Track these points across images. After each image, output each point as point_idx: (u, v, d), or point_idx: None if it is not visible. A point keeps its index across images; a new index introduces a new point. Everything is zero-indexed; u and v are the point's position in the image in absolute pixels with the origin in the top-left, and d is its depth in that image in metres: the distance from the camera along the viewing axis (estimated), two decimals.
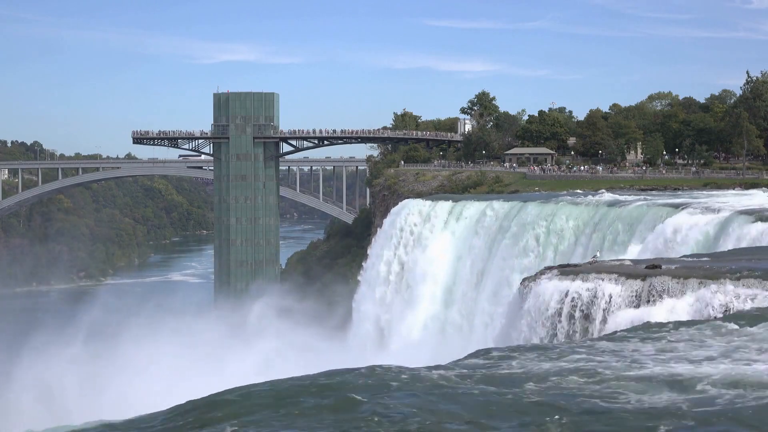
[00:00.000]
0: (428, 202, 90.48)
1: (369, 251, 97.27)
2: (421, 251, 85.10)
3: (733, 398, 20.32)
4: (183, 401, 20.91)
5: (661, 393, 20.95)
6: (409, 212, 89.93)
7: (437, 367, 24.58)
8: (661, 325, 29.42)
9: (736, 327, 27.97)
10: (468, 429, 18.65)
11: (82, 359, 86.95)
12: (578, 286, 37.33)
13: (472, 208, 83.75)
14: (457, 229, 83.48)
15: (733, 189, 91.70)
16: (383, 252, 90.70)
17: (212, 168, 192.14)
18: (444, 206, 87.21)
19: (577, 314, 36.69)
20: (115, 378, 76.73)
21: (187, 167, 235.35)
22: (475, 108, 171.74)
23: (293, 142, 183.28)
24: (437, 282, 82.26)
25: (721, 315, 31.78)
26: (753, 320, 28.79)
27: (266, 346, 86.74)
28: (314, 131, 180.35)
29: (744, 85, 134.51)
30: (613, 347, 26.30)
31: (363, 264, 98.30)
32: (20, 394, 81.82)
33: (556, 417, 19.21)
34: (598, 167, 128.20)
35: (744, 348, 25.24)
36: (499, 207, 79.93)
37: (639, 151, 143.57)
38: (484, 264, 76.83)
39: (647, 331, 28.70)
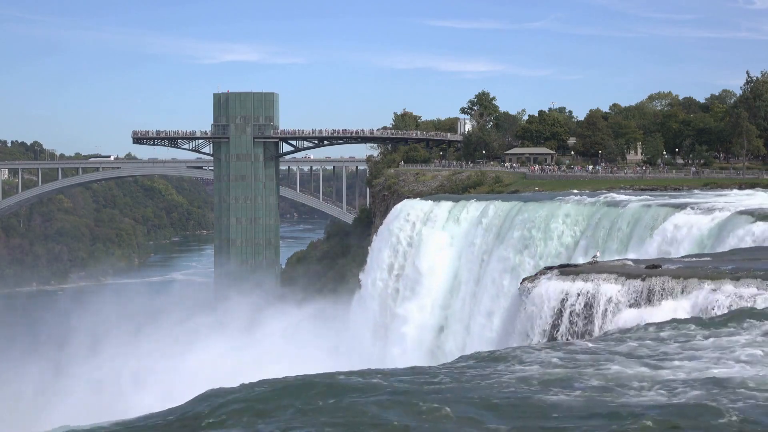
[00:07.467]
0: (428, 202, 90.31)
1: (369, 251, 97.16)
2: (421, 251, 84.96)
3: (732, 398, 20.28)
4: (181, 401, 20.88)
5: (661, 393, 20.91)
6: (409, 212, 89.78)
7: (436, 368, 24.55)
8: (661, 326, 29.35)
9: (737, 327, 27.91)
10: (466, 429, 18.60)
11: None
12: (578, 287, 37.26)
13: (472, 208, 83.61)
14: (457, 229, 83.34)
15: (733, 189, 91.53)
16: (383, 252, 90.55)
17: (212, 168, 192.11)
18: (444, 206, 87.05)
19: (577, 315, 36.62)
20: None
21: (187, 167, 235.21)
22: (475, 108, 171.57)
23: (293, 142, 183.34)
24: (437, 282, 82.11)
25: (721, 315, 31.70)
26: (753, 320, 28.73)
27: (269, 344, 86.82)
28: (314, 131, 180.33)
29: (744, 85, 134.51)
30: (613, 348, 26.24)
31: (363, 264, 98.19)
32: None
33: (556, 417, 19.17)
34: (598, 167, 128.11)
35: (744, 348, 25.19)
36: (499, 207, 79.79)
37: (639, 151, 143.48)
38: (484, 264, 76.70)
39: (647, 331, 28.64)
